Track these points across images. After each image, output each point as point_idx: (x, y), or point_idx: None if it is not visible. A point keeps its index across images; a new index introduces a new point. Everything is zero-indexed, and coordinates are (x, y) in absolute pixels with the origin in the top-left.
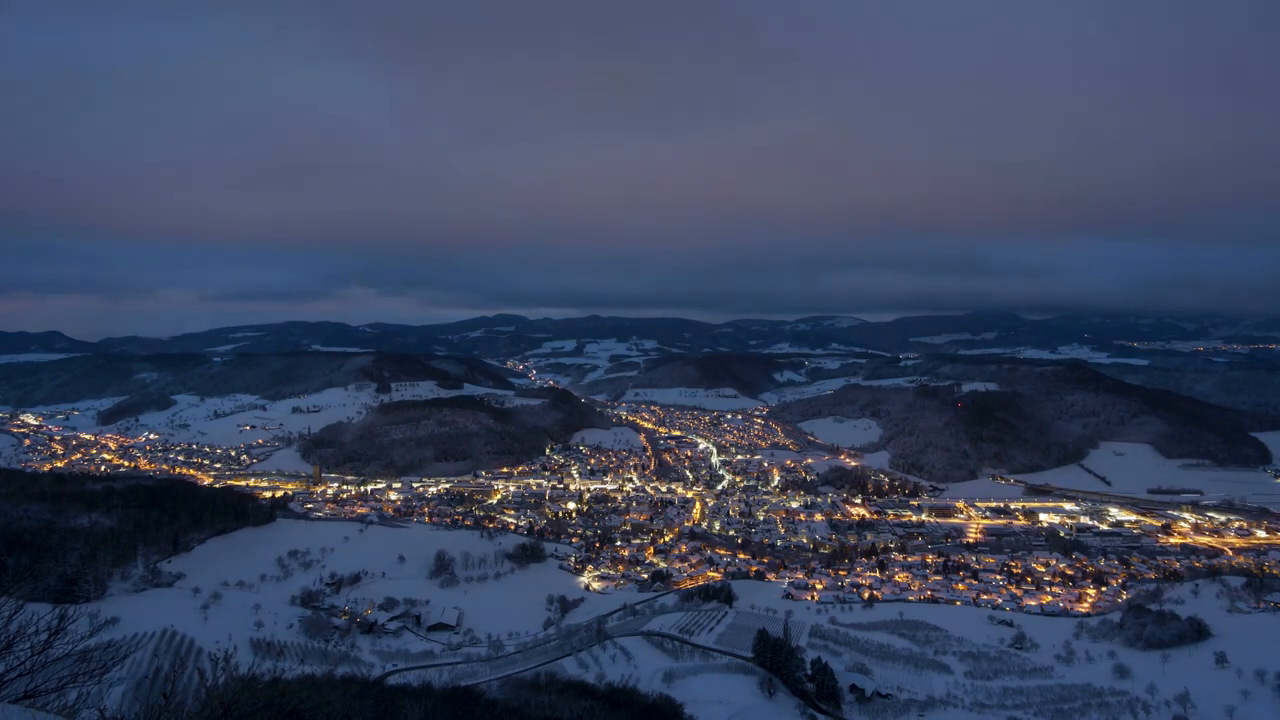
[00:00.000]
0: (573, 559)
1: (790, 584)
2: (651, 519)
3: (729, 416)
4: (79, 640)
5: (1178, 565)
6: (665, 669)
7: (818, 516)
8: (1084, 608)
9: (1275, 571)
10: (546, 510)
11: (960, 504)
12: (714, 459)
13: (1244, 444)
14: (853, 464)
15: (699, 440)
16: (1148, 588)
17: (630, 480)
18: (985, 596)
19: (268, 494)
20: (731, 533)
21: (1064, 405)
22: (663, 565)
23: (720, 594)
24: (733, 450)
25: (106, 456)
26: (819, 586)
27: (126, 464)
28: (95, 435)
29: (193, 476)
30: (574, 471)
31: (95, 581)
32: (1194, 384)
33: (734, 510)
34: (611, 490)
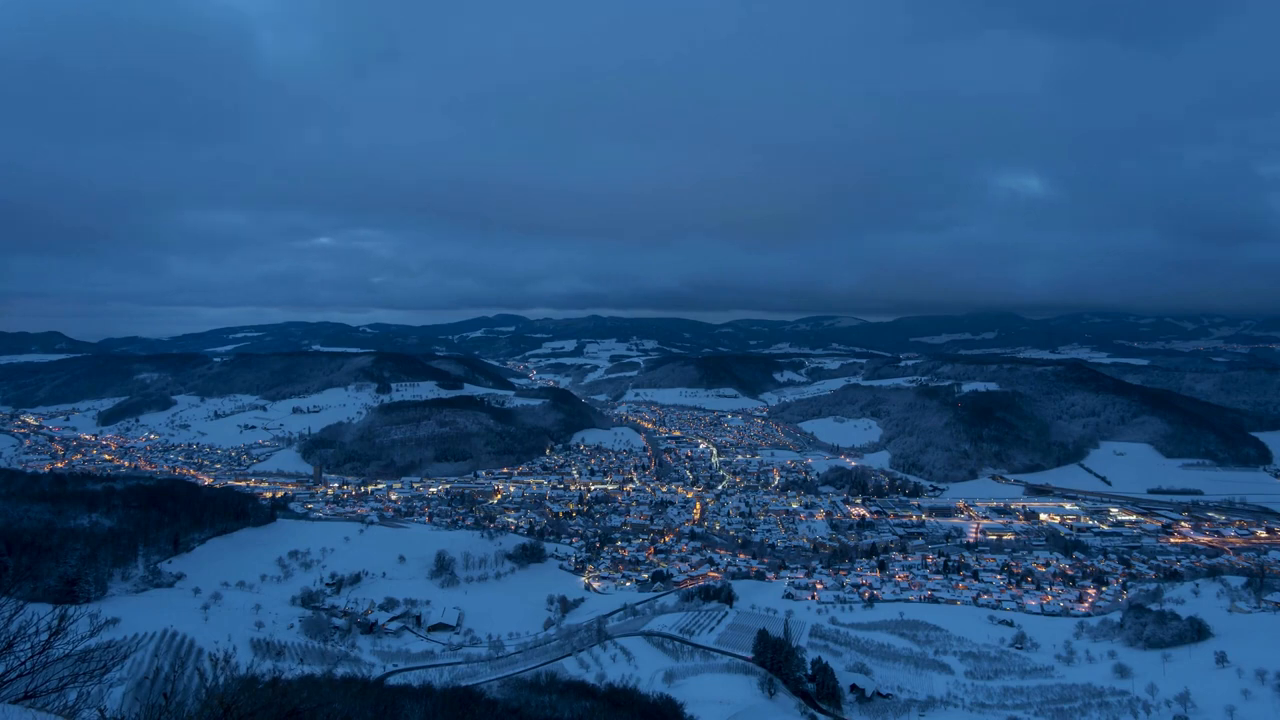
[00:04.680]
0: (573, 559)
1: (791, 584)
2: (652, 519)
3: (729, 416)
4: (79, 640)
5: (1178, 565)
6: (666, 669)
7: (818, 516)
8: (1084, 607)
9: (1276, 571)
10: (547, 510)
11: (960, 504)
12: (714, 459)
13: (1244, 444)
14: (853, 464)
15: (699, 440)
16: (1148, 587)
17: (631, 480)
18: (986, 596)
19: (268, 494)
20: (732, 533)
21: (1064, 405)
22: (663, 565)
23: (721, 594)
24: (733, 450)
25: (106, 457)
26: (819, 586)
27: (126, 464)
28: (95, 435)
29: (193, 477)
30: (574, 472)
31: (95, 582)
32: (1194, 384)
33: (734, 510)
34: (612, 490)
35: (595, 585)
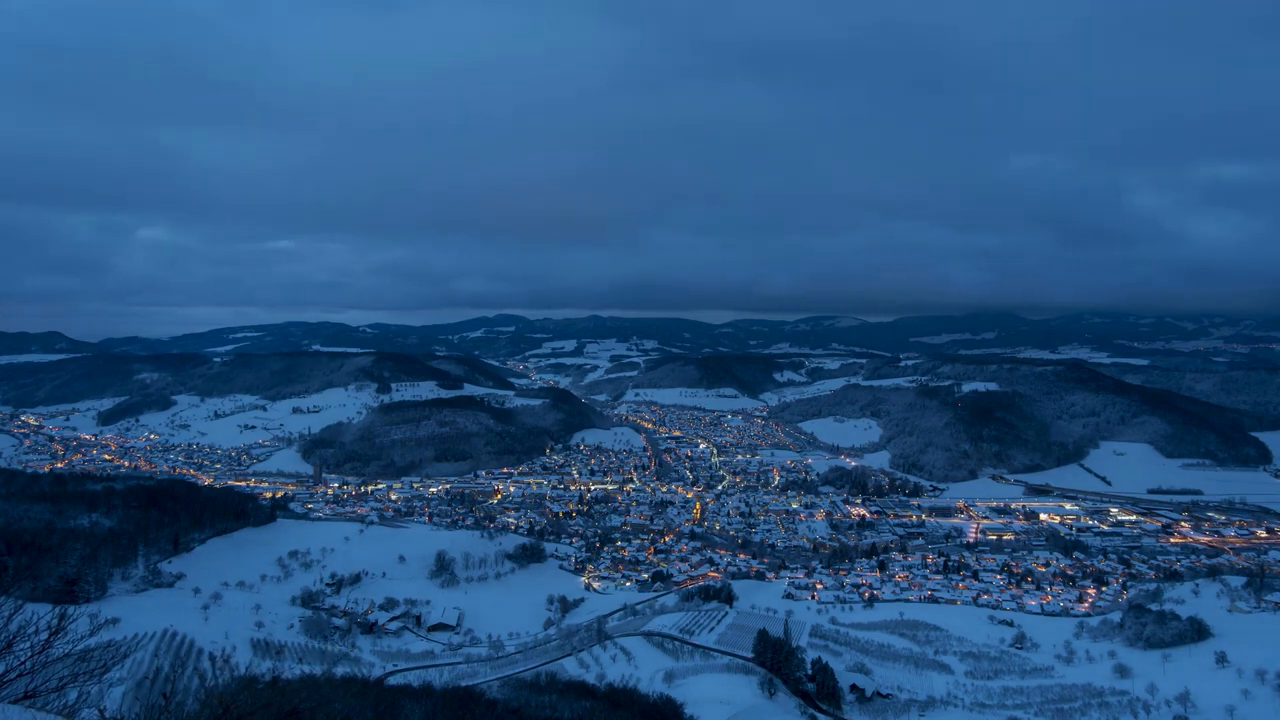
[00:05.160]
0: (573, 559)
1: (791, 584)
2: (652, 519)
3: (729, 416)
4: (79, 640)
5: (1178, 565)
6: (666, 669)
7: (818, 516)
8: (1084, 608)
9: (1276, 571)
10: (547, 510)
11: (960, 504)
12: (714, 459)
13: (1244, 444)
14: (853, 464)
15: (699, 440)
16: (1148, 587)
17: (630, 480)
18: (986, 596)
19: (268, 494)
20: (732, 533)
21: (1064, 405)
22: (663, 565)
23: (721, 594)
24: (733, 450)
25: (106, 457)
26: (819, 586)
27: (126, 464)
28: (95, 435)
29: (193, 477)
30: (574, 472)
31: (96, 582)
32: (1194, 384)
33: (734, 510)
34: (612, 490)
35: (595, 585)
